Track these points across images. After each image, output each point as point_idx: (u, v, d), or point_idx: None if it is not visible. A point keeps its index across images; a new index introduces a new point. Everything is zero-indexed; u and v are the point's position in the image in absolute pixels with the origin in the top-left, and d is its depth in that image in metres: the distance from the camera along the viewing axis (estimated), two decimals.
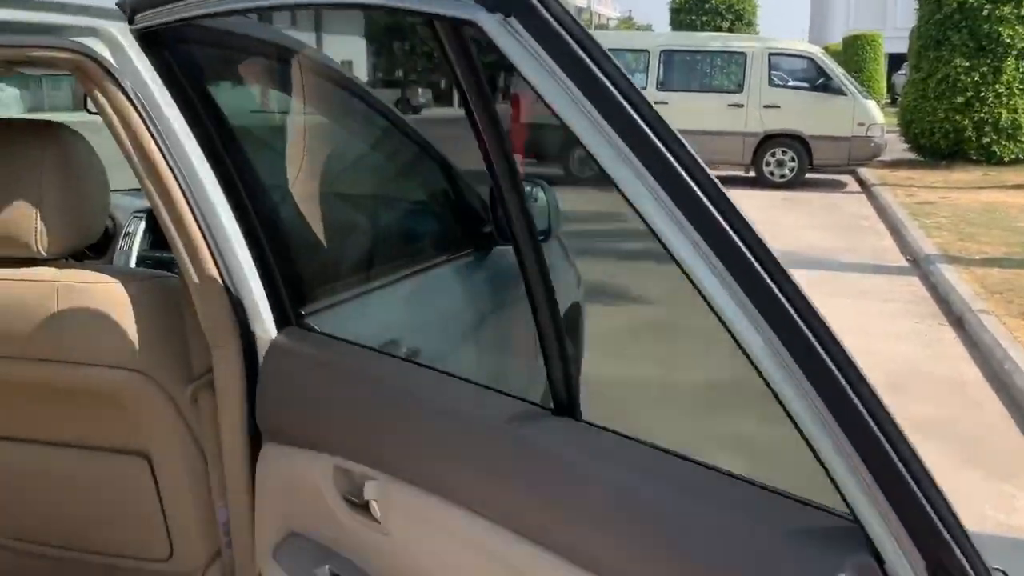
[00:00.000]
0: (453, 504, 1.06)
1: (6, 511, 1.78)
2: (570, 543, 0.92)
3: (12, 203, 1.48)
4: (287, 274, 1.50)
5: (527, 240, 1.00)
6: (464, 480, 1.06)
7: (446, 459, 1.09)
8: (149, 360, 1.54)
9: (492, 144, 0.99)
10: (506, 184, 1.02)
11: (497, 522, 0.99)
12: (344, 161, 2.43)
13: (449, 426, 1.12)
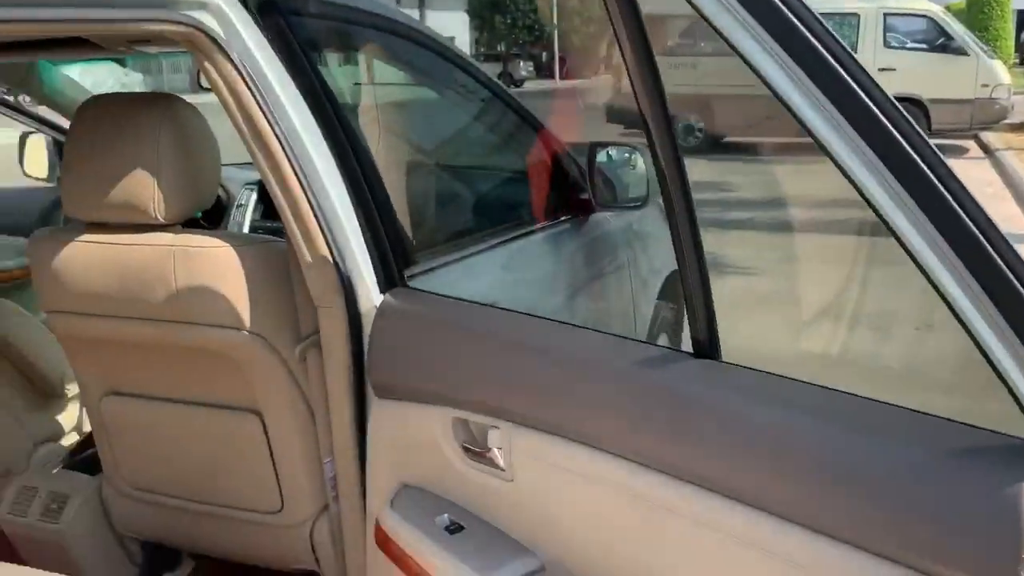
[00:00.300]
0: (582, 447, 1.08)
1: (137, 464, 1.90)
2: (713, 476, 0.94)
3: (132, 172, 1.57)
4: (392, 238, 1.53)
5: (676, 179, 0.99)
6: (598, 423, 1.07)
7: (578, 405, 1.10)
8: (260, 321, 1.62)
9: (649, 99, 0.98)
10: (660, 135, 1.00)
11: (635, 460, 1.01)
12: (448, 132, 2.47)
13: (581, 372, 1.13)
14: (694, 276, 0.99)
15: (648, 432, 1.00)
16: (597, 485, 1.06)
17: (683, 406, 0.99)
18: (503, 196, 2.40)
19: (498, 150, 2.47)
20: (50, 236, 1.71)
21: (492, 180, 2.44)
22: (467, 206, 2.21)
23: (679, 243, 1.00)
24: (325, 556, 1.82)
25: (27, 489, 2.04)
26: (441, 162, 2.26)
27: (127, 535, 2.04)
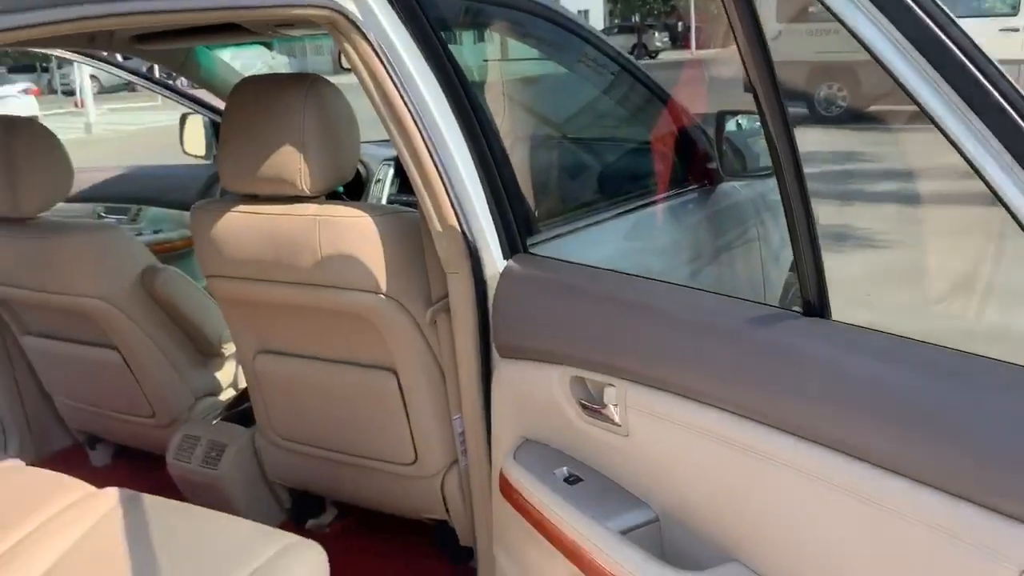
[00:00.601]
0: (694, 402, 1.12)
1: (285, 416, 2.07)
2: (821, 428, 0.96)
3: (280, 148, 1.70)
4: (515, 208, 1.60)
5: (784, 138, 1.01)
6: (709, 380, 1.12)
7: (690, 362, 1.15)
8: (395, 286, 1.73)
9: (759, 72, 1.01)
10: (770, 103, 1.03)
11: (744, 415, 1.05)
12: (573, 105, 2.51)
13: (692, 331, 1.17)
14: (804, 236, 1.01)
15: (757, 387, 1.03)
16: (708, 439, 1.10)
17: (792, 362, 1.02)
18: (627, 167, 2.43)
19: (623, 122, 2.50)
20: (209, 207, 1.87)
21: (616, 152, 2.47)
22: (590, 177, 2.26)
23: (788, 204, 1.02)
24: (455, 507, 1.93)
25: (190, 438, 2.25)
26: (566, 135, 2.31)
27: (277, 482, 2.23)
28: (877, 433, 0.90)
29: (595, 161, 2.39)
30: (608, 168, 2.40)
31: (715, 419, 1.08)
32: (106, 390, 2.37)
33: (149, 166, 3.53)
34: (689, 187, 2.35)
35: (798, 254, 1.02)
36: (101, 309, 2.14)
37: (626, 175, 2.39)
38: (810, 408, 0.97)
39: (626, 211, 2.04)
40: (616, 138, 2.54)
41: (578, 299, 1.36)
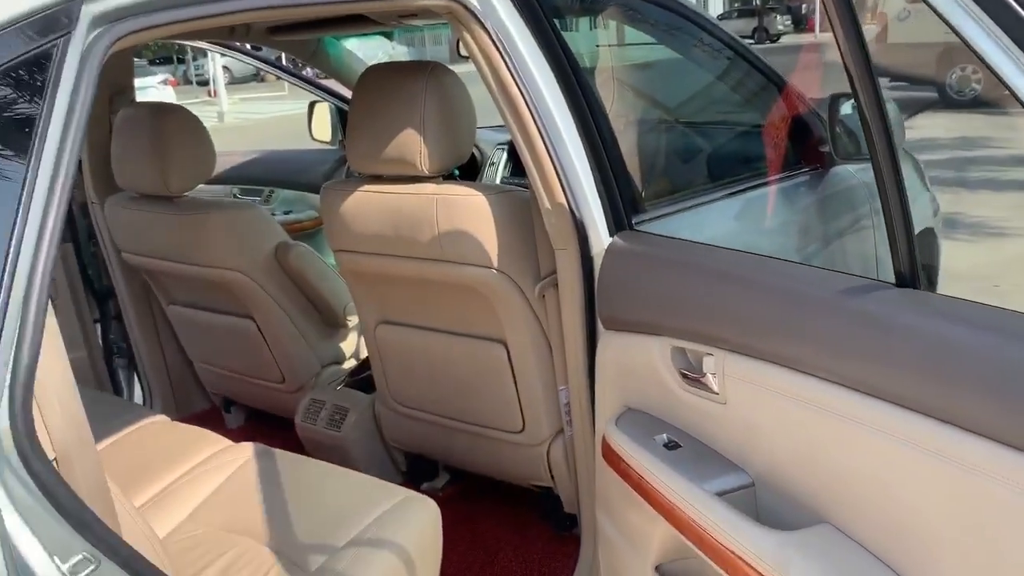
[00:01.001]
0: (790, 371, 1.17)
1: (403, 384, 2.21)
2: (913, 394, 1.00)
3: (403, 131, 1.82)
4: (622, 188, 1.66)
5: (874, 107, 1.04)
6: (805, 348, 1.16)
7: (787, 332, 1.19)
8: (506, 261, 1.83)
9: (855, 59, 1.05)
10: (866, 93, 1.06)
11: (838, 382, 1.10)
12: (684, 89, 2.54)
13: (792, 304, 1.22)
14: (896, 210, 1.04)
15: (851, 355, 1.07)
16: (803, 406, 1.14)
17: (885, 330, 1.05)
18: (735, 150, 2.45)
19: (732, 105, 2.51)
20: (338, 187, 2.01)
21: (725, 134, 2.49)
22: (698, 160, 2.29)
23: (880, 178, 1.05)
24: (559, 475, 2.02)
25: (316, 402, 2.43)
26: (676, 118, 2.34)
27: (394, 445, 2.38)
28: (965, 397, 0.93)
29: (703, 144, 2.42)
30: (716, 151, 2.42)
31: (811, 386, 1.12)
32: (242, 357, 2.57)
33: (280, 151, 3.76)
34: (800, 170, 2.35)
35: (890, 227, 1.05)
36: (239, 281, 2.32)
37: (734, 157, 2.41)
38: (902, 374, 1.01)
39: (733, 193, 2.06)
40: (725, 121, 2.56)
41: (680, 273, 1.42)
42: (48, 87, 0.99)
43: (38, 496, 0.89)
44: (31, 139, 0.96)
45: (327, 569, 1.48)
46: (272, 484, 1.76)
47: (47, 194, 0.96)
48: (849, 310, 1.10)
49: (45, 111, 0.97)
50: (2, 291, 0.89)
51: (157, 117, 2.17)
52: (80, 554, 0.92)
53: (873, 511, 1.06)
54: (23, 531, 0.85)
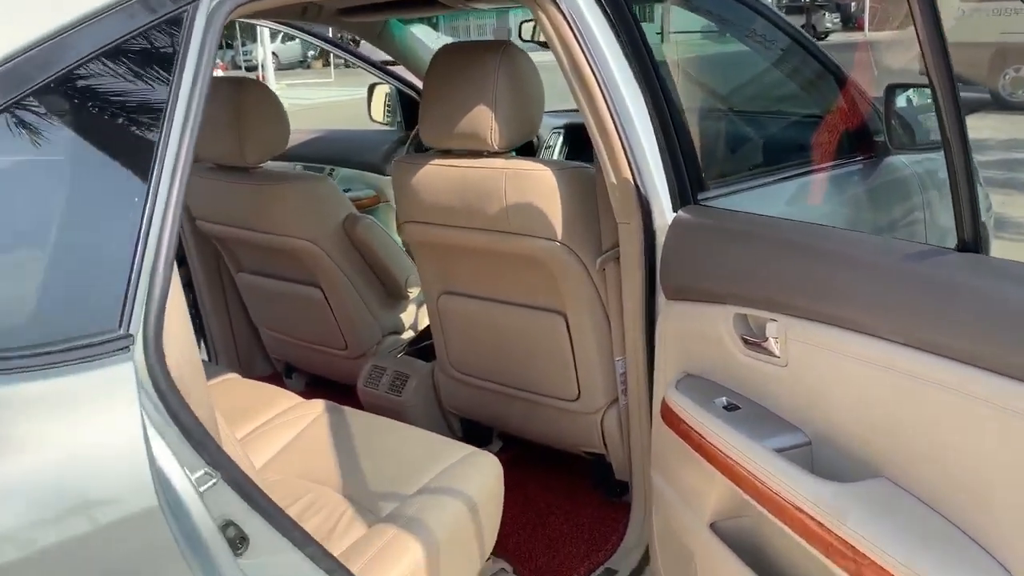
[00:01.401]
0: (851, 332, 1.24)
1: (462, 352, 2.30)
2: (975, 351, 1.06)
3: (475, 107, 1.91)
4: (687, 166, 1.73)
5: (948, 90, 1.10)
6: (866, 311, 1.22)
7: (854, 297, 1.25)
8: (570, 234, 1.91)
9: (933, 49, 1.11)
10: (941, 81, 1.12)
11: (899, 342, 1.16)
12: (745, 76, 2.60)
13: (857, 270, 1.28)
14: (961, 176, 1.10)
15: (915, 316, 1.14)
16: (864, 366, 1.21)
17: (947, 291, 1.12)
18: (795, 136, 2.50)
19: (793, 94, 2.56)
20: (409, 160, 2.11)
21: (785, 122, 2.54)
22: (759, 144, 2.35)
23: (947, 146, 1.11)
24: (612, 443, 2.10)
25: (378, 368, 2.53)
26: (737, 104, 2.41)
27: (451, 412, 2.48)
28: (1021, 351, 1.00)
29: (764, 130, 2.48)
30: (773, 136, 2.48)
31: (872, 347, 1.19)
32: (307, 324, 2.69)
33: (341, 130, 3.87)
34: (854, 158, 2.40)
35: (955, 194, 1.12)
36: (309, 250, 2.43)
37: (791, 143, 2.47)
38: (962, 332, 1.08)
39: (790, 176, 2.12)
40: (786, 109, 2.61)
41: (746, 243, 1.49)
42: (180, 47, 1.09)
43: (167, 418, 1.00)
44: (166, 100, 1.06)
45: (398, 515, 1.58)
46: (343, 437, 1.86)
47: (177, 148, 1.06)
48: (913, 273, 1.17)
49: (177, 71, 1.08)
50: (139, 243, 0.99)
51: (237, 91, 2.28)
52: (202, 469, 1.03)
53: (927, 464, 1.12)
54: (161, 445, 0.96)
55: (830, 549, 1.17)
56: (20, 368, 0.87)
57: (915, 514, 1.11)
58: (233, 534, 1.07)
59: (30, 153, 0.97)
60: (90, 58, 1.02)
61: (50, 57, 0.99)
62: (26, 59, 0.97)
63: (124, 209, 0.99)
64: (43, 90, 0.97)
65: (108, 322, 0.94)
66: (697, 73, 2.14)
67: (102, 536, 0.89)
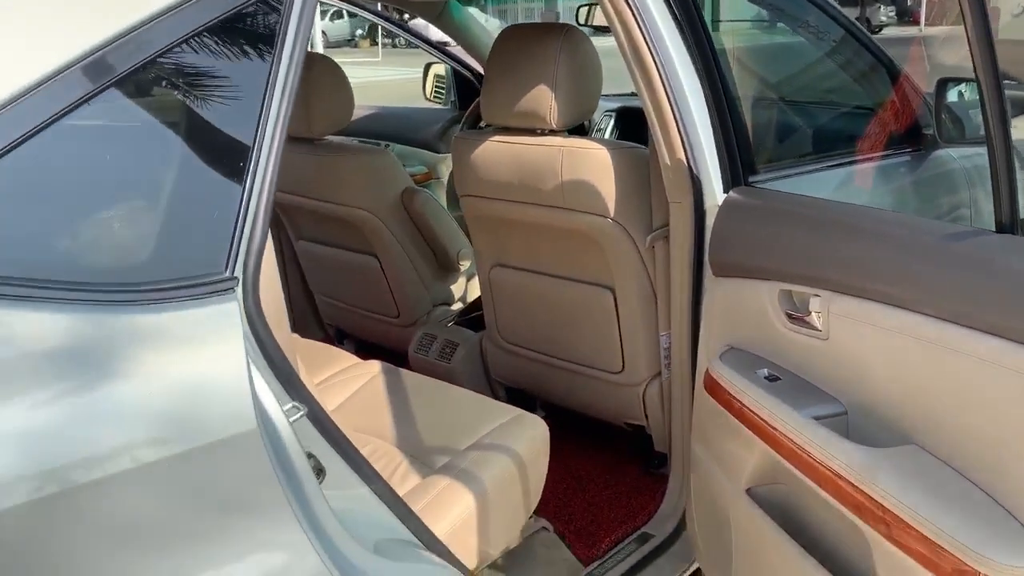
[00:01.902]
0: (891, 307, 1.31)
1: (511, 322, 2.40)
2: (1011, 325, 1.12)
3: (536, 86, 1.99)
4: (740, 149, 1.80)
5: (991, 77, 1.16)
6: (907, 286, 1.30)
7: (895, 273, 1.33)
8: (622, 212, 1.99)
9: (979, 40, 1.17)
10: (984, 64, 1.18)
11: (936, 316, 1.23)
12: (798, 66, 2.65)
13: (899, 249, 1.35)
14: (1001, 161, 1.17)
15: (961, 293, 1.21)
16: (899, 337, 1.28)
17: (983, 267, 1.19)
18: (844, 126, 2.55)
19: (843, 84, 2.61)
20: (469, 136, 2.20)
21: (835, 111, 2.59)
22: (809, 132, 2.40)
23: (988, 131, 1.18)
24: (653, 415, 2.19)
25: (428, 336, 2.64)
26: (788, 93, 2.46)
27: (497, 381, 2.58)
28: None
29: (811, 118, 2.53)
30: (823, 125, 2.53)
31: (909, 320, 1.27)
32: (362, 291, 2.80)
33: (397, 107, 3.98)
34: (902, 150, 2.44)
35: (995, 178, 1.19)
36: (368, 220, 2.54)
37: (840, 133, 2.51)
38: (998, 307, 1.15)
39: (837, 165, 2.17)
40: (833, 99, 2.66)
41: (793, 222, 1.56)
42: (281, 22, 1.19)
43: (261, 354, 1.11)
44: (269, 67, 1.16)
45: (451, 467, 1.69)
46: (399, 396, 1.97)
47: (276, 115, 1.16)
48: (954, 252, 1.24)
49: (279, 43, 1.18)
50: (242, 198, 1.10)
51: (307, 65, 2.39)
52: (290, 403, 1.14)
53: (959, 432, 1.20)
54: (259, 378, 1.07)
55: (861, 509, 1.25)
56: (143, 300, 0.98)
57: (942, 477, 1.19)
58: (314, 465, 1.18)
59: (158, 116, 1.07)
60: (204, 29, 1.12)
61: (171, 28, 1.09)
62: (148, 28, 1.07)
63: (232, 169, 1.09)
64: (165, 56, 1.08)
65: (216, 265, 1.05)
66: (750, 61, 2.20)
67: (208, 457, 1.00)
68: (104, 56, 1.02)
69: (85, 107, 0.99)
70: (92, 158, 1.01)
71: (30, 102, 0.95)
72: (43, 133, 0.96)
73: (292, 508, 1.07)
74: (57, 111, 0.97)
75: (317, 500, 1.11)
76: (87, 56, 1.00)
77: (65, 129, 0.98)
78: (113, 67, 1.02)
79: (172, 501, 0.98)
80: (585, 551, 2.05)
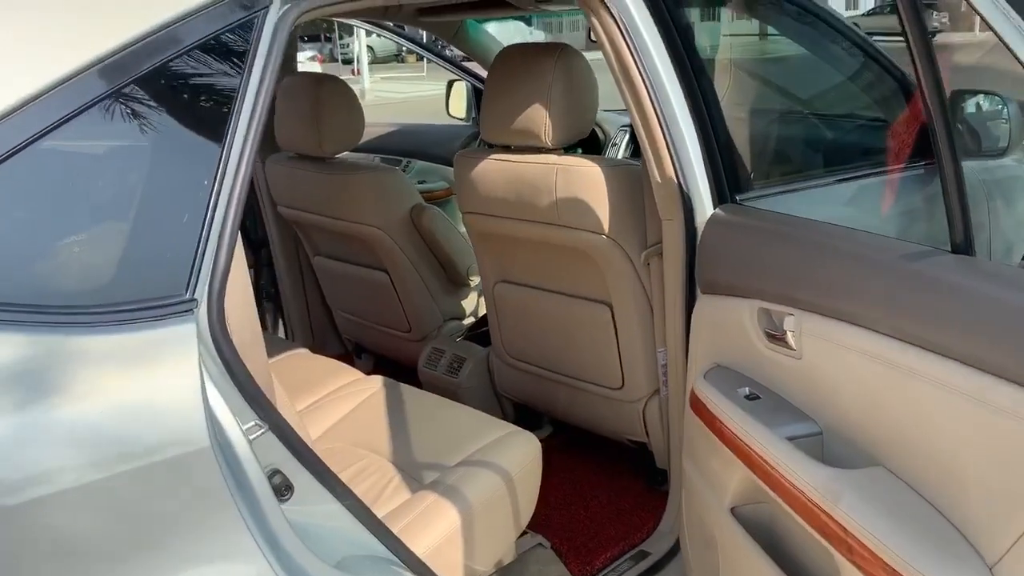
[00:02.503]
0: (858, 328, 1.31)
1: (515, 338, 2.42)
2: (969, 351, 1.11)
3: (531, 105, 2.01)
4: (727, 166, 1.80)
5: (935, 93, 1.16)
6: (871, 308, 1.29)
7: (853, 292, 1.33)
8: (617, 229, 2.00)
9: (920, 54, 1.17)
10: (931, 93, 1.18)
11: (901, 338, 1.22)
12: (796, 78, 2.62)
13: (859, 267, 1.34)
14: (951, 182, 1.16)
15: (908, 312, 1.20)
16: (866, 359, 1.27)
17: (936, 289, 1.18)
18: (846, 140, 2.52)
19: (848, 97, 2.58)
20: (470, 155, 2.23)
21: (837, 125, 2.56)
22: (806, 147, 2.38)
23: (937, 150, 1.17)
24: (654, 431, 2.19)
25: (437, 351, 2.67)
26: (787, 107, 2.45)
27: (504, 395, 2.60)
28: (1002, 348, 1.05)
29: (814, 133, 2.51)
30: (827, 140, 2.51)
31: (873, 341, 1.26)
32: (374, 306, 2.85)
33: (418, 124, 4.04)
34: (914, 163, 2.40)
35: (947, 197, 1.17)
36: (377, 236, 2.59)
37: (846, 147, 2.48)
38: (951, 329, 1.13)
39: (838, 180, 2.15)
40: (839, 113, 2.63)
41: (768, 240, 1.56)
42: (249, 51, 1.23)
43: (226, 374, 1.14)
44: (235, 93, 1.20)
45: (439, 482, 1.71)
46: (397, 411, 2.01)
47: (244, 136, 1.20)
48: (907, 272, 1.23)
49: (247, 71, 1.22)
50: (205, 220, 1.14)
51: (316, 85, 2.45)
52: (252, 420, 1.17)
53: (921, 455, 1.18)
54: (216, 396, 1.10)
55: (825, 530, 1.24)
56: (97, 322, 1.02)
57: (904, 501, 1.18)
58: (279, 481, 1.21)
59: (118, 135, 1.12)
60: (177, 55, 1.16)
61: (143, 52, 1.13)
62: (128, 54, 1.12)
63: (194, 189, 1.13)
64: (137, 81, 1.12)
65: (176, 287, 1.09)
66: (748, 76, 2.20)
67: (157, 476, 1.04)
68: (77, 82, 1.06)
69: (57, 130, 1.04)
70: (57, 180, 1.06)
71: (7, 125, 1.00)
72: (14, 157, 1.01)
73: (246, 523, 1.10)
74: (31, 134, 1.02)
75: (275, 516, 1.14)
76: (61, 83, 1.05)
77: (35, 152, 1.02)
78: (85, 92, 1.07)
79: (118, 519, 1.02)
80: (581, 568, 2.05)
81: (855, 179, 2.21)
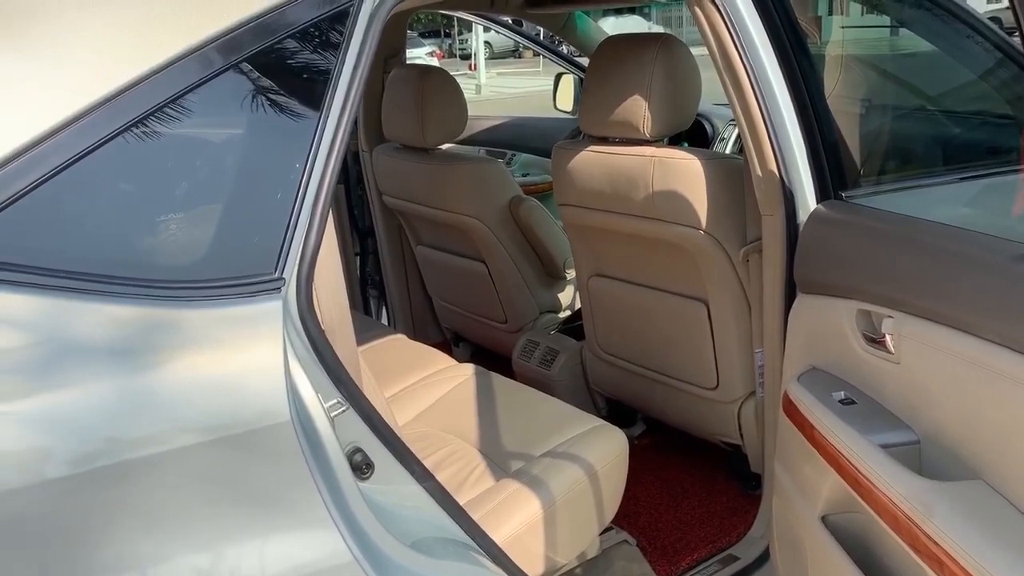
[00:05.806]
0: (961, 333, 1.23)
1: (609, 333, 2.40)
2: None
3: (631, 96, 1.99)
4: (832, 161, 1.73)
5: None
6: (977, 312, 1.21)
7: (958, 295, 1.25)
8: (715, 224, 1.95)
9: None
10: None
11: (1006, 345, 1.14)
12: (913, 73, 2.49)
13: (966, 268, 1.26)
14: None
15: (1011, 317, 1.12)
16: (970, 367, 1.20)
17: None
18: (968, 137, 2.38)
19: (972, 94, 2.43)
20: (568, 146, 2.22)
21: (959, 122, 2.42)
22: (922, 144, 2.26)
23: None
24: (748, 434, 2.13)
25: (531, 342, 2.68)
26: (904, 102, 2.33)
27: (596, 390, 2.58)
28: None
29: (930, 128, 2.37)
30: (942, 136, 2.37)
31: (978, 348, 1.18)
32: (472, 296, 2.88)
33: (525, 117, 4.05)
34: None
35: None
36: (476, 227, 2.61)
37: (963, 147, 2.34)
38: None
39: (959, 179, 2.03)
40: (957, 109, 2.48)
41: (870, 239, 1.49)
42: (344, 40, 1.26)
43: (311, 351, 1.17)
44: (329, 80, 1.23)
45: (523, 472, 1.71)
46: (486, 399, 2.02)
47: (336, 123, 1.22)
48: (1019, 275, 1.15)
49: (340, 58, 1.24)
50: (295, 201, 1.17)
51: (421, 78, 2.49)
52: (335, 398, 1.20)
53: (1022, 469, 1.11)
54: (300, 372, 1.14)
55: (917, 543, 1.18)
56: (192, 297, 1.07)
57: (1002, 518, 1.10)
58: (360, 459, 1.23)
59: (219, 116, 1.17)
60: (276, 41, 1.20)
61: (245, 37, 1.17)
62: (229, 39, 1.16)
63: (286, 171, 1.17)
64: (237, 65, 1.16)
65: (266, 266, 1.13)
66: (863, 68, 2.10)
67: (240, 447, 1.08)
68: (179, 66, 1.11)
69: (157, 113, 1.09)
70: (158, 162, 1.11)
71: (110, 106, 1.06)
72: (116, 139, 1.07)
73: (323, 497, 1.13)
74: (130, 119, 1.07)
75: (351, 492, 1.17)
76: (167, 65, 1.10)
77: (134, 135, 1.08)
78: (188, 75, 1.12)
79: (201, 487, 1.06)
80: (666, 567, 2.02)
81: (979, 178, 2.08)
